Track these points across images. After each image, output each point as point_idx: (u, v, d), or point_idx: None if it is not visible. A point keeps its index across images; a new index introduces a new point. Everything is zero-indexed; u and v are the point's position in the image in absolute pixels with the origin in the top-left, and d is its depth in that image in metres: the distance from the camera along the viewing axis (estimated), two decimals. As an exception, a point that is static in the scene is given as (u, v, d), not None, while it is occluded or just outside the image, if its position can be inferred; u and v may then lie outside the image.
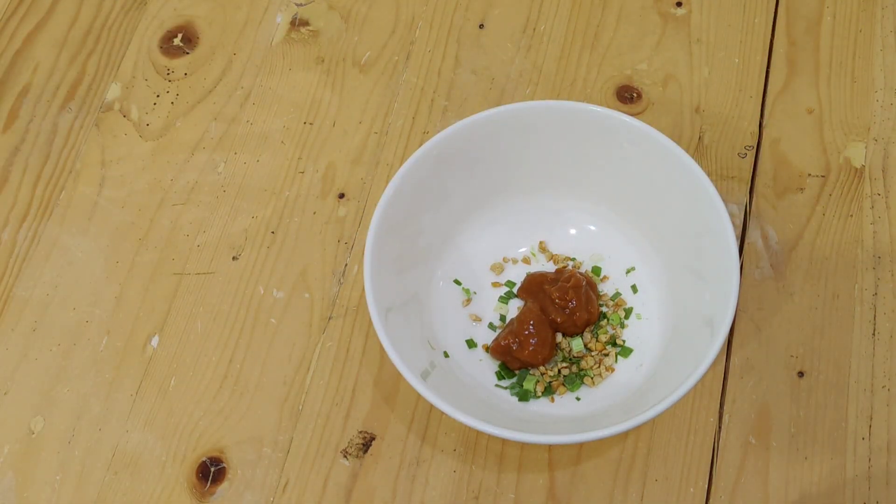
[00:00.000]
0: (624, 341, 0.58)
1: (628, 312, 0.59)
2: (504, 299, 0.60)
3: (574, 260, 0.61)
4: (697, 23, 0.69)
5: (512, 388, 0.57)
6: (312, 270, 0.62)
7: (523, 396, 0.56)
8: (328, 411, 0.57)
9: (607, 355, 0.57)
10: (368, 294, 0.53)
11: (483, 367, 0.58)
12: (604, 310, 0.59)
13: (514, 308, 0.60)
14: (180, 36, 0.71)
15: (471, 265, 0.61)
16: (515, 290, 0.60)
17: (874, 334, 0.58)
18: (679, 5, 0.70)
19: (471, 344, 0.58)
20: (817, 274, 0.60)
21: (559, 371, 0.57)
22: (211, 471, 0.56)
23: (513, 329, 0.57)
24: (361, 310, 0.60)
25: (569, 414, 0.56)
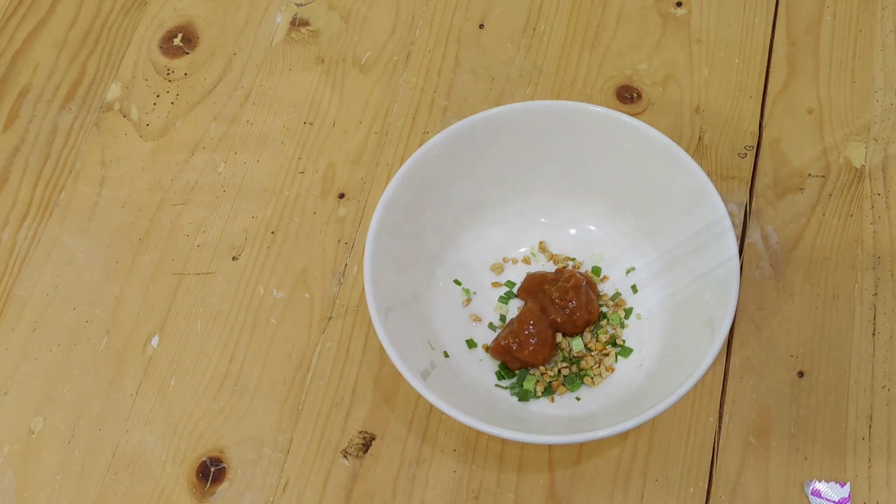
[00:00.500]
0: (624, 341, 0.58)
1: (628, 312, 0.59)
2: (504, 299, 0.60)
3: (574, 260, 0.61)
4: (697, 23, 0.69)
5: (512, 387, 0.57)
6: (312, 271, 0.62)
7: (523, 396, 0.56)
8: (328, 411, 0.57)
9: (607, 355, 0.57)
10: (368, 294, 0.53)
11: (483, 367, 0.58)
12: (604, 310, 0.59)
13: (514, 308, 0.60)
14: (180, 36, 0.71)
15: (471, 265, 0.61)
16: (515, 290, 0.60)
17: (874, 334, 0.58)
18: (679, 5, 0.70)
19: (471, 344, 0.58)
20: (817, 274, 0.60)
21: (559, 371, 0.57)
22: (211, 471, 0.56)
23: (513, 329, 0.57)
24: (361, 310, 0.60)
25: (569, 414, 0.56)
